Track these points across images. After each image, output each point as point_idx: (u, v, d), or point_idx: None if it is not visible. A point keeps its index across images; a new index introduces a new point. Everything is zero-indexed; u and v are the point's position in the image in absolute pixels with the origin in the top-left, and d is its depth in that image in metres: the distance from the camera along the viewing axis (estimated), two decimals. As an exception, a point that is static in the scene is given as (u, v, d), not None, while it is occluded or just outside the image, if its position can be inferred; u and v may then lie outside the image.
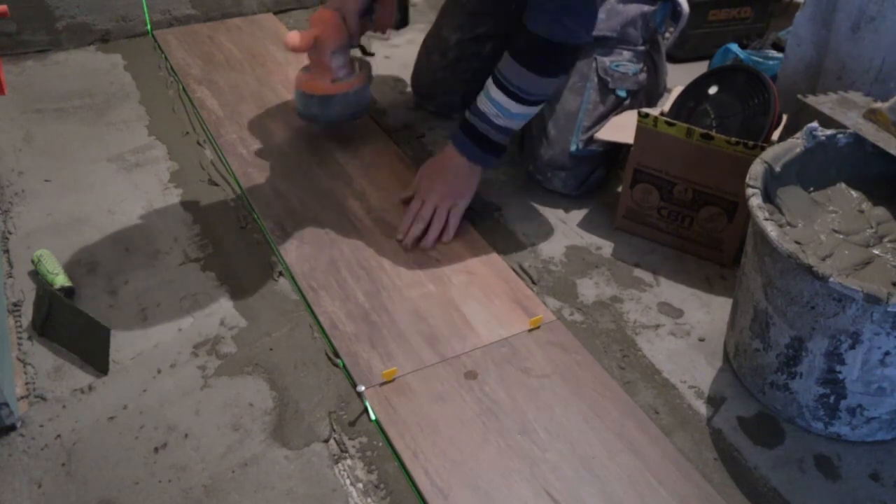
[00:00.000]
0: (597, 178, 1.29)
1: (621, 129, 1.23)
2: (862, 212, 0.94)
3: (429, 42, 1.49)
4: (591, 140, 1.26)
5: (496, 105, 1.14)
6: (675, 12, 1.46)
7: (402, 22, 1.37)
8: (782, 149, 0.94)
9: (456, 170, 1.18)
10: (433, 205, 1.17)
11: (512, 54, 1.11)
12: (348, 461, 0.86)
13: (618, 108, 1.28)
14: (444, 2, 1.48)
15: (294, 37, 1.22)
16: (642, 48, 1.29)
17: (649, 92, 1.41)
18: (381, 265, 1.13)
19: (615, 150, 1.31)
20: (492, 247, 1.18)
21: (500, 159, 1.21)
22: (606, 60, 1.26)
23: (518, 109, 1.14)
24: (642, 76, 1.30)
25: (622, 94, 1.27)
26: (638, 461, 0.86)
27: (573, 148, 1.25)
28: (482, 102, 1.15)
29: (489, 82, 1.15)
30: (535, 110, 1.16)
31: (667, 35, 1.60)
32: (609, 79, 1.26)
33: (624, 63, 1.27)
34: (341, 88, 1.30)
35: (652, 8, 1.28)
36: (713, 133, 1.06)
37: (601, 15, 1.24)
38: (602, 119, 1.26)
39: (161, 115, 1.50)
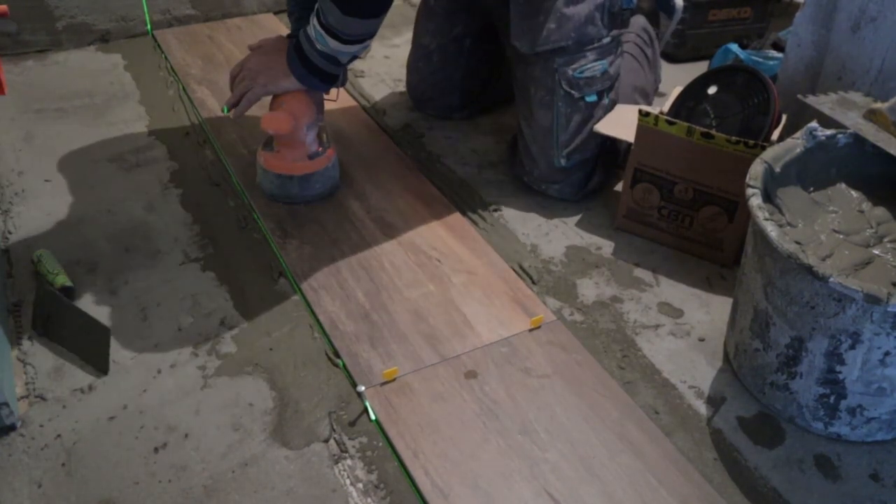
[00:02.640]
0: (596, 183, 1.28)
1: (621, 125, 1.22)
2: (862, 212, 0.94)
3: (413, 51, 1.50)
4: (574, 151, 1.24)
5: (316, 34, 1.12)
6: (668, 7, 1.46)
7: (343, 81, 1.34)
8: (782, 149, 0.94)
9: (277, 66, 1.18)
10: (247, 83, 1.19)
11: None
12: (348, 461, 0.86)
13: (593, 111, 1.24)
14: (417, 10, 1.48)
15: (274, 120, 1.18)
16: (607, 39, 1.22)
17: (643, 88, 1.41)
18: (382, 265, 1.13)
19: (609, 152, 1.30)
20: (492, 247, 1.18)
21: (325, 85, 1.20)
22: (569, 70, 1.20)
23: (333, 44, 1.12)
24: (613, 68, 1.24)
25: (591, 98, 1.22)
26: (638, 461, 0.86)
27: (557, 164, 1.24)
28: (310, 27, 1.14)
29: (314, 13, 1.13)
30: (352, 48, 1.13)
31: (660, 33, 1.60)
32: (575, 90, 1.21)
33: (589, 66, 1.20)
34: (321, 164, 1.24)
35: None
36: (714, 132, 1.06)
37: (550, 24, 1.18)
38: (581, 127, 1.23)
39: (161, 115, 1.50)
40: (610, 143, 1.28)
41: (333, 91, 1.35)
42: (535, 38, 1.20)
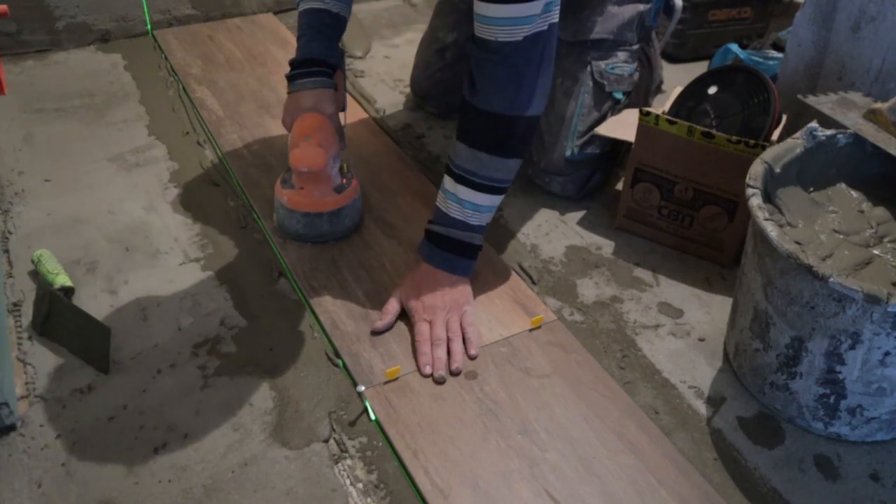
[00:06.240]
0: (596, 182, 1.29)
1: (622, 126, 1.23)
2: (862, 212, 0.94)
3: (425, 44, 1.49)
4: (587, 144, 1.25)
5: (459, 202, 1.01)
6: (668, 7, 1.46)
7: (344, 104, 1.23)
8: (782, 149, 0.94)
9: (441, 284, 1.02)
10: (443, 322, 0.99)
11: (463, 139, 0.99)
12: (348, 461, 0.86)
13: (612, 110, 1.27)
14: (437, 3, 1.48)
15: (308, 156, 1.06)
16: (636, 47, 1.28)
17: (644, 87, 1.41)
18: (382, 265, 1.13)
19: (613, 152, 1.30)
20: (492, 247, 1.18)
21: (473, 262, 1.06)
22: (602, 64, 1.24)
23: (484, 201, 1.01)
24: (636, 75, 1.29)
25: (619, 96, 1.26)
26: (638, 461, 0.86)
27: (568, 153, 1.24)
28: (442, 203, 1.03)
29: (445, 179, 1.02)
30: (494, 200, 1.02)
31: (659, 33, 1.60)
32: (605, 82, 1.24)
33: (620, 65, 1.25)
34: (350, 196, 1.14)
35: (647, 6, 1.26)
36: (714, 132, 1.06)
37: (596, 17, 1.22)
38: (597, 123, 1.25)
39: (161, 115, 1.50)
40: (612, 144, 1.28)
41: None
42: (578, 28, 1.23)
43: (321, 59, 1.14)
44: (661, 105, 1.25)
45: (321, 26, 1.16)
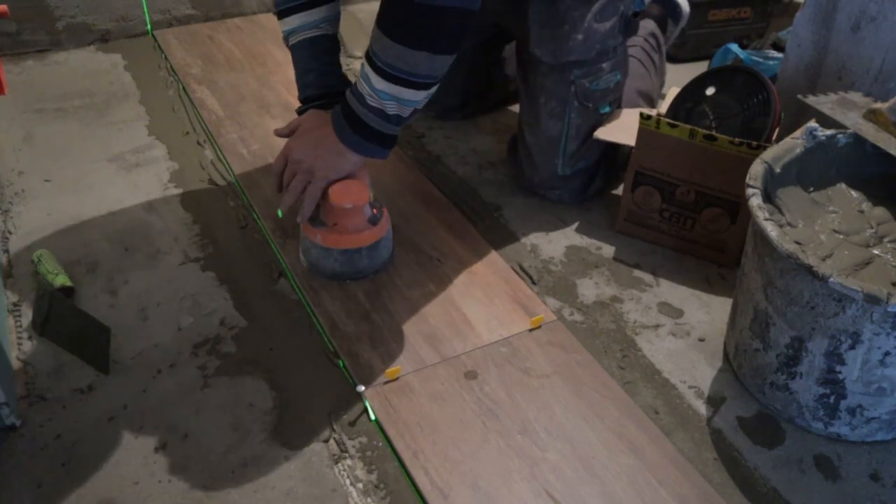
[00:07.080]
0: (597, 188, 1.28)
1: (621, 129, 1.22)
2: (862, 212, 0.94)
3: None
4: (580, 158, 1.23)
5: (368, 84, 0.96)
6: (675, 13, 1.46)
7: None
8: (782, 149, 0.94)
9: (329, 147, 1.03)
10: (304, 178, 1.05)
11: (377, 23, 0.94)
12: (348, 461, 0.86)
13: (600, 122, 1.23)
14: None
15: (353, 192, 1.04)
16: (621, 48, 1.21)
17: (648, 93, 1.41)
18: (382, 265, 1.13)
19: (609, 157, 1.29)
20: (492, 247, 1.18)
21: (385, 151, 1.04)
22: (586, 82, 1.18)
23: (392, 90, 0.95)
24: (623, 77, 1.23)
25: (605, 110, 1.22)
26: (638, 461, 0.86)
27: (560, 172, 1.24)
28: (359, 81, 0.99)
29: (363, 62, 0.98)
30: (417, 94, 0.97)
31: (666, 37, 1.60)
32: (590, 103, 1.20)
33: (604, 77, 1.19)
34: (385, 227, 1.10)
35: (626, 0, 1.18)
36: (716, 134, 1.06)
37: (578, 36, 1.15)
38: (588, 136, 1.23)
39: (161, 115, 1.50)
40: (611, 148, 1.27)
41: None
42: (558, 48, 1.16)
43: (337, 92, 1.12)
44: (658, 106, 1.25)
45: (321, 54, 1.14)
